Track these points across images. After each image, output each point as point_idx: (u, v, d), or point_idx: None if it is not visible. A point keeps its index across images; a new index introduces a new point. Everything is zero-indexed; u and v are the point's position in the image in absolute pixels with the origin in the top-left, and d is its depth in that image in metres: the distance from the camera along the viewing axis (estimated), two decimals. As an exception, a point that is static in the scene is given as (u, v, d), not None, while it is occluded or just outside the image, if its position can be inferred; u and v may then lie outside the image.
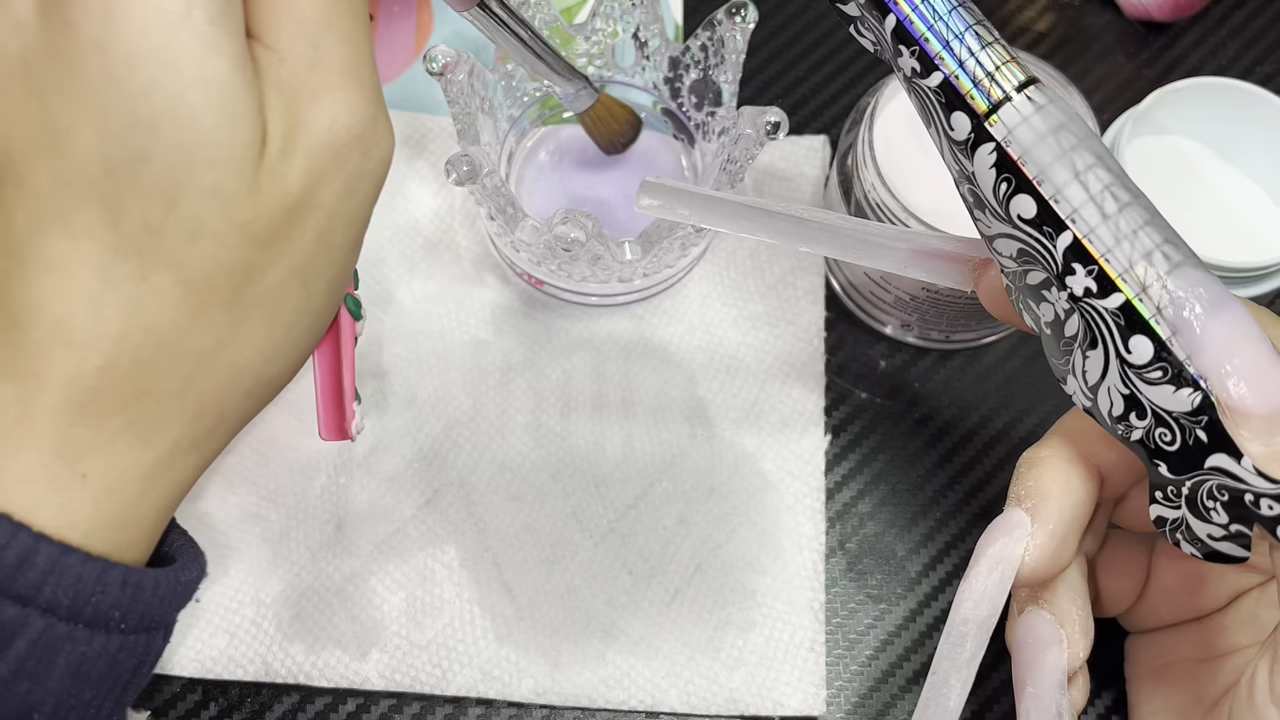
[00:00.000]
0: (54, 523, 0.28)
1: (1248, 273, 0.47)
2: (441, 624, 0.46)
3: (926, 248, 0.38)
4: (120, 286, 0.28)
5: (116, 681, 0.30)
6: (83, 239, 0.27)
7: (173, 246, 0.27)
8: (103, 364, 0.28)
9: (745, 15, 0.46)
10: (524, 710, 0.46)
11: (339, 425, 0.37)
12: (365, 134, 0.29)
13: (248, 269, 0.29)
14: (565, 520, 0.48)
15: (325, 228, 0.30)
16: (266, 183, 0.28)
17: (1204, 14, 0.58)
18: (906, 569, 0.49)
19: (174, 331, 0.28)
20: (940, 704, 0.36)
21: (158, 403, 0.29)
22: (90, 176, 0.27)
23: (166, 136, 0.26)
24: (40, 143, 0.27)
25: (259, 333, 0.30)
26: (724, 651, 0.46)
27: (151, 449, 0.29)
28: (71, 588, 0.28)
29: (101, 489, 0.29)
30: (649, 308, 0.51)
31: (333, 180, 0.29)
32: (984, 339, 0.52)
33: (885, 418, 0.51)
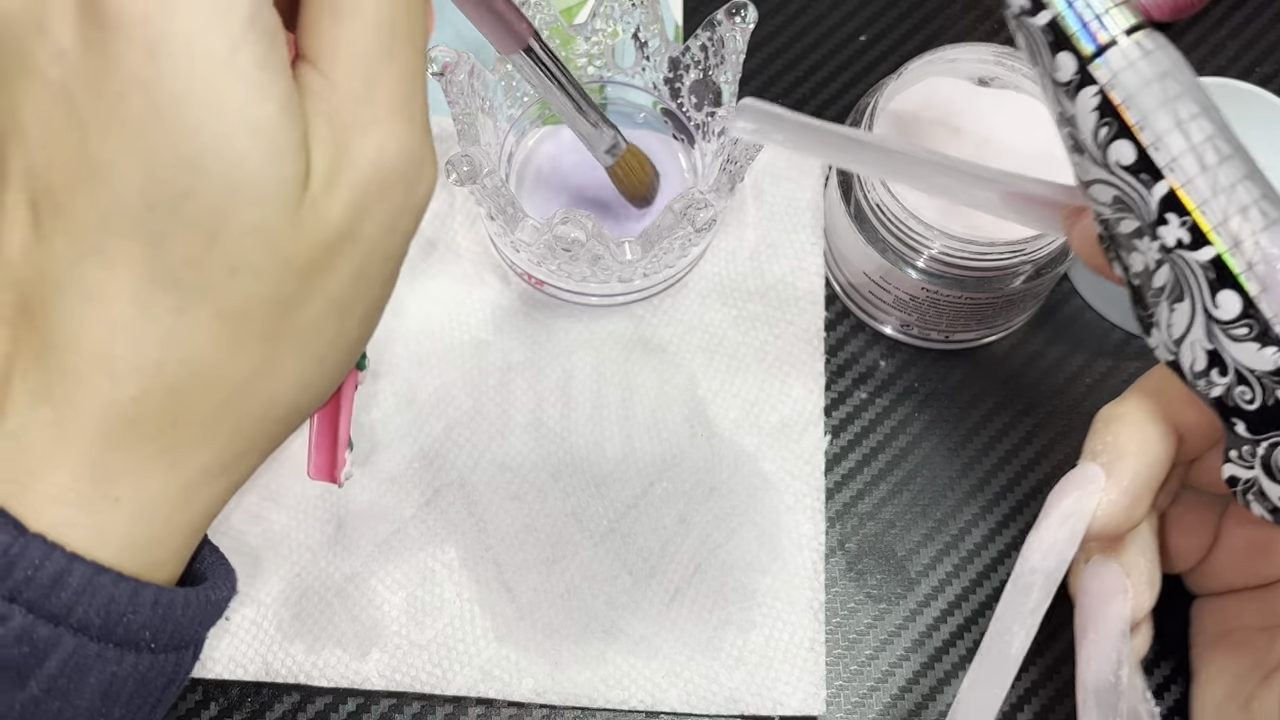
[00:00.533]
0: (84, 543, 0.28)
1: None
2: (442, 624, 0.46)
3: (1021, 190, 0.37)
4: (159, 318, 0.28)
5: (146, 700, 0.31)
6: (121, 269, 0.27)
7: (212, 280, 0.27)
8: (138, 393, 0.28)
9: (745, 15, 0.46)
10: (524, 710, 0.46)
11: (329, 470, 0.37)
12: (410, 170, 0.29)
13: (286, 302, 0.28)
14: (565, 520, 0.48)
15: (364, 261, 0.29)
16: (309, 217, 0.28)
17: (1203, 14, 0.58)
18: (906, 569, 0.49)
19: (210, 362, 0.28)
20: (1001, 651, 0.36)
21: (191, 430, 0.29)
22: (131, 210, 0.27)
23: (211, 176, 0.26)
24: (81, 173, 0.27)
25: (293, 364, 0.29)
26: (724, 651, 0.46)
27: (182, 474, 0.29)
28: (104, 608, 0.28)
29: (132, 512, 0.29)
30: (649, 308, 0.51)
31: (375, 214, 0.29)
32: (984, 339, 0.52)
33: (885, 418, 0.51)
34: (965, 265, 0.46)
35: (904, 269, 0.47)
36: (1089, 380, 0.52)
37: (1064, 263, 0.47)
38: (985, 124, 0.49)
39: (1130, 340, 0.53)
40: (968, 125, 0.49)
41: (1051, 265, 0.47)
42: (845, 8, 0.58)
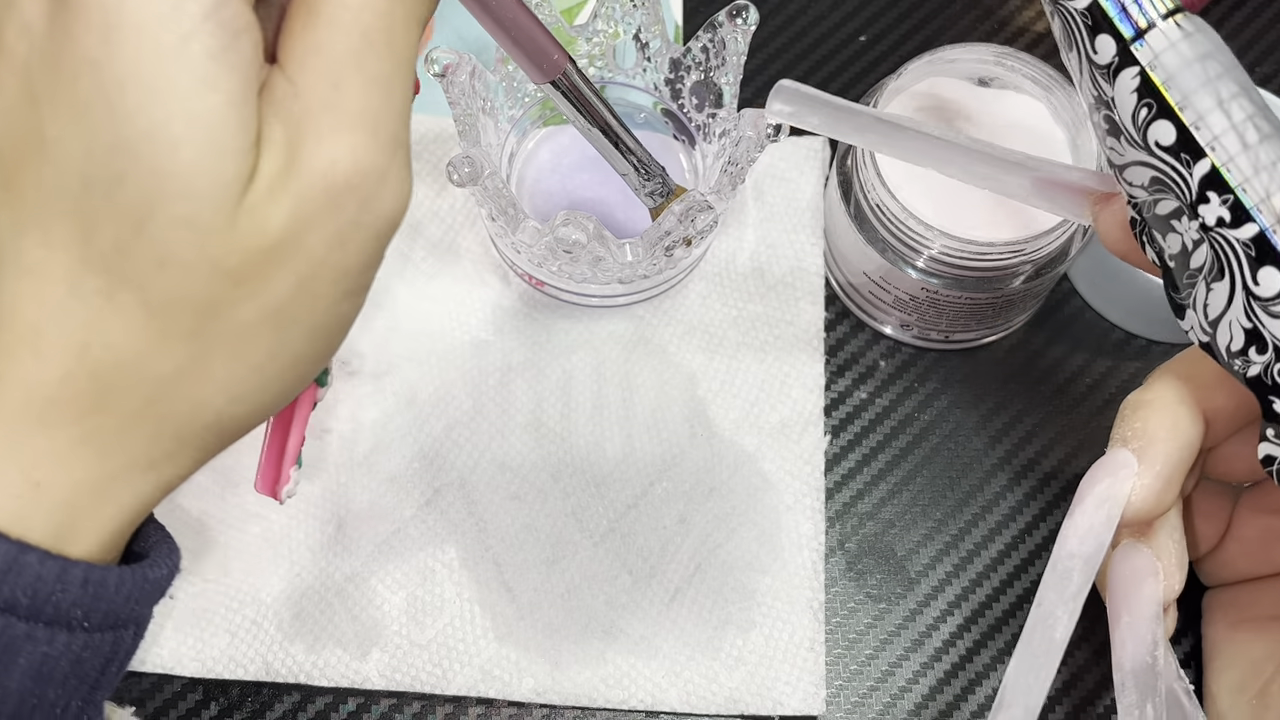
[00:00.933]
0: (6, 527, 0.28)
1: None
2: (442, 623, 0.47)
3: (1053, 177, 0.37)
4: (87, 300, 0.28)
5: (83, 680, 0.30)
6: (57, 249, 0.27)
7: (139, 270, 0.27)
8: (63, 374, 0.28)
9: (746, 17, 0.46)
10: (524, 710, 0.46)
11: (271, 485, 0.37)
12: (366, 184, 0.28)
13: (215, 304, 0.28)
14: (565, 520, 0.48)
15: (308, 275, 0.29)
16: (246, 221, 0.27)
17: (1203, 14, 0.58)
18: (906, 569, 0.49)
19: (134, 353, 0.28)
20: (1046, 635, 0.36)
21: (114, 420, 0.29)
22: (69, 189, 0.27)
23: (143, 163, 0.26)
24: (30, 147, 0.27)
25: (222, 370, 0.29)
26: (724, 651, 0.47)
27: (105, 464, 0.29)
28: (30, 586, 0.28)
29: (53, 499, 0.29)
30: (649, 308, 0.51)
31: (321, 227, 0.28)
32: (983, 339, 0.52)
33: (885, 417, 0.51)
34: (965, 265, 0.46)
35: (904, 269, 0.47)
36: (1089, 380, 0.52)
37: (1064, 263, 0.48)
38: (985, 124, 0.49)
39: (1130, 340, 0.53)
40: (967, 126, 0.49)
41: (1051, 265, 0.47)
42: (845, 8, 0.58)
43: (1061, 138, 0.49)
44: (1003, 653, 0.48)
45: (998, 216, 0.47)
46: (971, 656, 0.48)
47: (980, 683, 0.48)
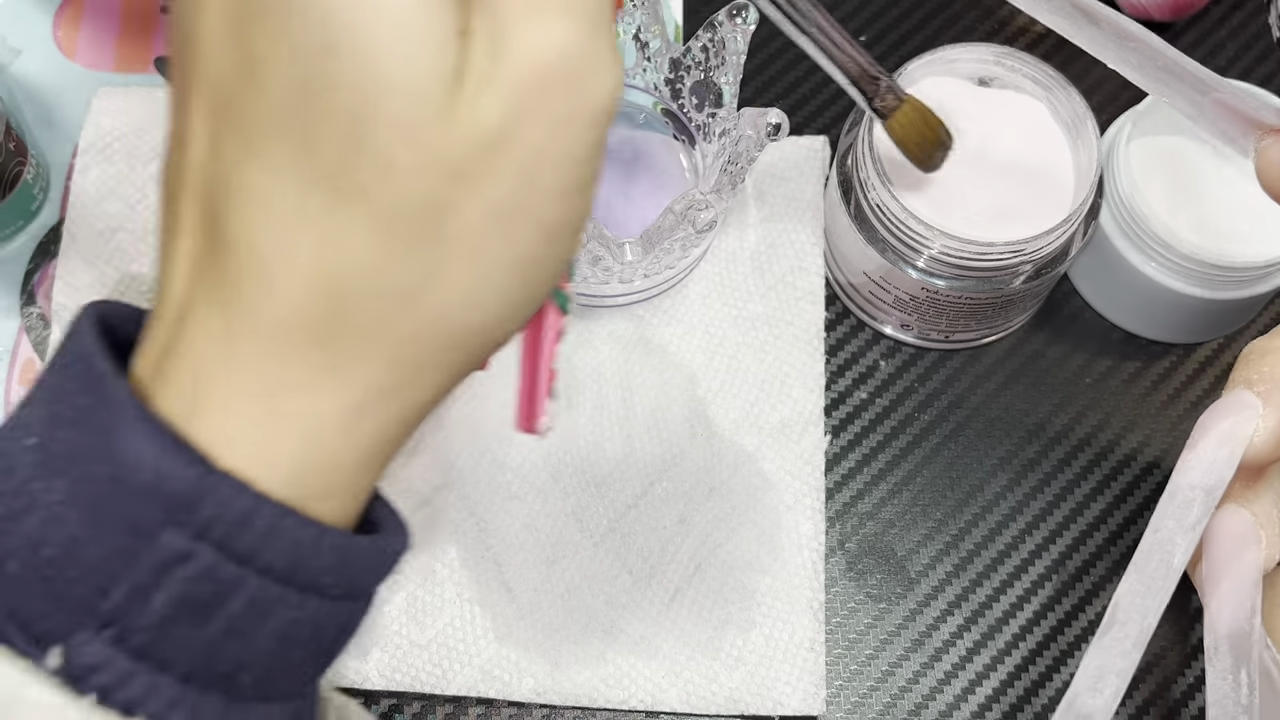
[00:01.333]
0: (251, 461, 0.28)
1: (1248, 272, 0.48)
2: (442, 623, 0.47)
3: (1231, 101, 0.36)
4: (314, 220, 0.27)
5: (319, 648, 0.30)
6: (280, 171, 0.27)
7: (364, 179, 0.27)
8: (297, 300, 0.27)
9: (746, 16, 0.46)
10: (524, 710, 0.46)
11: (529, 421, 0.35)
12: (575, 69, 0.27)
13: (440, 205, 0.27)
14: (565, 520, 0.48)
15: (528, 167, 0.28)
16: (462, 113, 0.27)
17: (1204, 14, 0.58)
18: (906, 569, 0.49)
19: (367, 268, 0.27)
20: (1164, 560, 0.35)
21: (353, 343, 0.28)
22: (283, 105, 0.26)
23: (351, 64, 0.26)
24: (243, 71, 0.27)
25: (455, 274, 0.28)
26: (724, 651, 0.46)
27: (348, 392, 0.28)
28: (289, 550, 0.28)
29: (297, 430, 0.28)
30: (649, 308, 0.51)
31: (536, 116, 0.27)
32: (983, 339, 0.52)
33: (885, 418, 0.51)
34: (965, 265, 0.46)
35: (904, 269, 0.47)
36: (1089, 380, 0.52)
37: (1064, 263, 0.47)
38: (985, 123, 0.49)
39: (1130, 340, 0.53)
40: (968, 125, 0.49)
41: (1052, 265, 0.47)
42: (845, 8, 0.58)
43: (1061, 137, 0.48)
44: (1003, 653, 0.48)
45: (998, 216, 0.47)
46: (971, 656, 0.48)
47: (980, 683, 0.48)
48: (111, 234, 0.51)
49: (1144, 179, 0.49)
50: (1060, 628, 0.48)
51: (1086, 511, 0.50)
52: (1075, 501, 0.50)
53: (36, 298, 0.52)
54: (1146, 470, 0.51)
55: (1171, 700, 0.48)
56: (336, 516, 0.30)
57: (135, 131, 0.52)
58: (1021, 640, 0.48)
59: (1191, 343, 0.53)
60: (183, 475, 0.27)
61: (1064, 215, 0.46)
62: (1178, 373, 0.52)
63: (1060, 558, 0.49)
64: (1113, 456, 0.51)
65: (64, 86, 0.55)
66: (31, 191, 0.52)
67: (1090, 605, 0.49)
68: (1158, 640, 0.48)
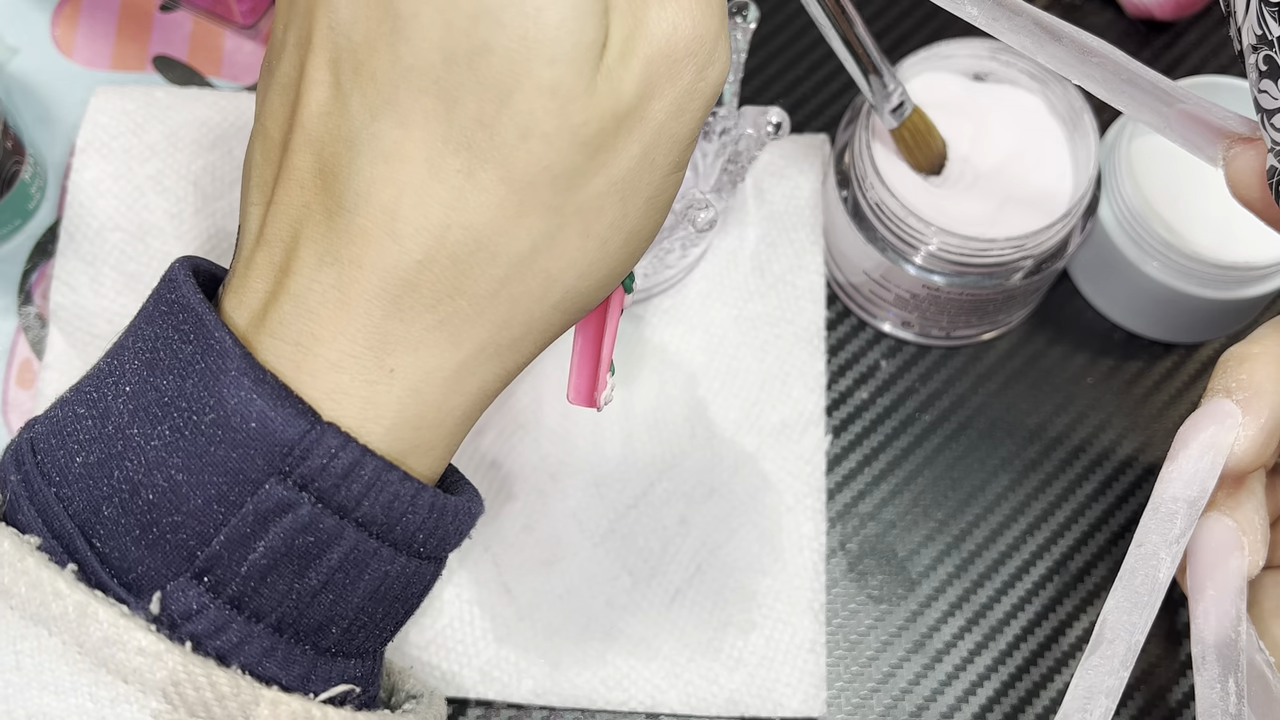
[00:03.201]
0: (357, 414, 0.28)
1: (1250, 272, 0.47)
2: (441, 625, 0.46)
3: (1197, 112, 0.36)
4: (447, 180, 0.27)
5: (404, 605, 0.31)
6: (415, 128, 0.27)
7: (502, 143, 0.27)
8: (422, 257, 0.28)
9: (747, 15, 0.46)
10: (524, 711, 0.46)
11: (589, 392, 0.36)
12: (703, 50, 0.28)
13: (572, 175, 0.28)
14: (565, 521, 0.48)
15: (650, 143, 0.29)
16: (603, 86, 0.27)
17: (1205, 13, 0.58)
18: (908, 570, 0.49)
19: (493, 231, 0.28)
20: (1149, 575, 0.35)
21: (469, 303, 0.28)
22: (429, 64, 0.27)
23: (509, 29, 0.26)
24: (383, 28, 0.27)
25: (574, 243, 0.29)
26: (724, 652, 0.46)
27: (457, 351, 0.29)
28: (388, 505, 0.28)
29: (406, 386, 0.28)
30: (649, 308, 0.51)
31: (664, 94, 0.28)
32: (984, 334, 0.52)
33: (886, 418, 0.51)
34: (964, 261, 0.46)
35: (903, 266, 0.47)
36: (1091, 380, 0.52)
37: (1063, 258, 0.47)
38: (980, 118, 0.49)
39: (1132, 339, 0.52)
40: (963, 120, 0.48)
41: (1051, 260, 0.47)
42: (846, 7, 0.57)
43: (1058, 131, 0.48)
44: (1004, 654, 0.48)
45: (996, 212, 0.47)
46: (973, 658, 0.48)
47: (982, 684, 0.47)
48: (109, 233, 0.50)
49: (1146, 179, 0.49)
50: (1062, 629, 0.48)
51: (1088, 512, 0.50)
52: (1077, 502, 0.50)
53: (34, 297, 0.51)
54: (1149, 471, 0.51)
55: (1163, 713, 0.47)
56: (429, 473, 0.30)
57: (133, 130, 0.52)
58: (1023, 642, 0.48)
59: (1194, 342, 0.52)
60: (291, 425, 0.27)
61: (1063, 210, 0.46)
62: (1180, 373, 0.52)
63: (1062, 559, 0.49)
64: (1115, 457, 0.51)
65: (62, 85, 0.55)
66: (29, 191, 0.52)
67: (1091, 606, 0.49)
68: (1148, 655, 0.48)
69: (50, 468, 0.29)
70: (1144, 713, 0.47)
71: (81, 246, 0.50)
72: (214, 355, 0.28)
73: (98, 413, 0.29)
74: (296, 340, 0.28)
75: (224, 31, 0.56)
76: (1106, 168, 0.49)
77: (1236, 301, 0.49)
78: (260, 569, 0.28)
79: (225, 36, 0.56)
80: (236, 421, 0.27)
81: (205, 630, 0.28)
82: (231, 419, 0.27)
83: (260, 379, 0.27)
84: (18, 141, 0.50)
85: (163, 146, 0.51)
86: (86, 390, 0.30)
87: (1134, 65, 0.37)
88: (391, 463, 0.28)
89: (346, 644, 0.30)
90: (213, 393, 0.27)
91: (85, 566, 0.28)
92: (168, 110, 0.52)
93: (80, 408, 0.29)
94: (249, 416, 0.27)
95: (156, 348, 0.29)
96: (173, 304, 0.29)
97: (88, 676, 0.27)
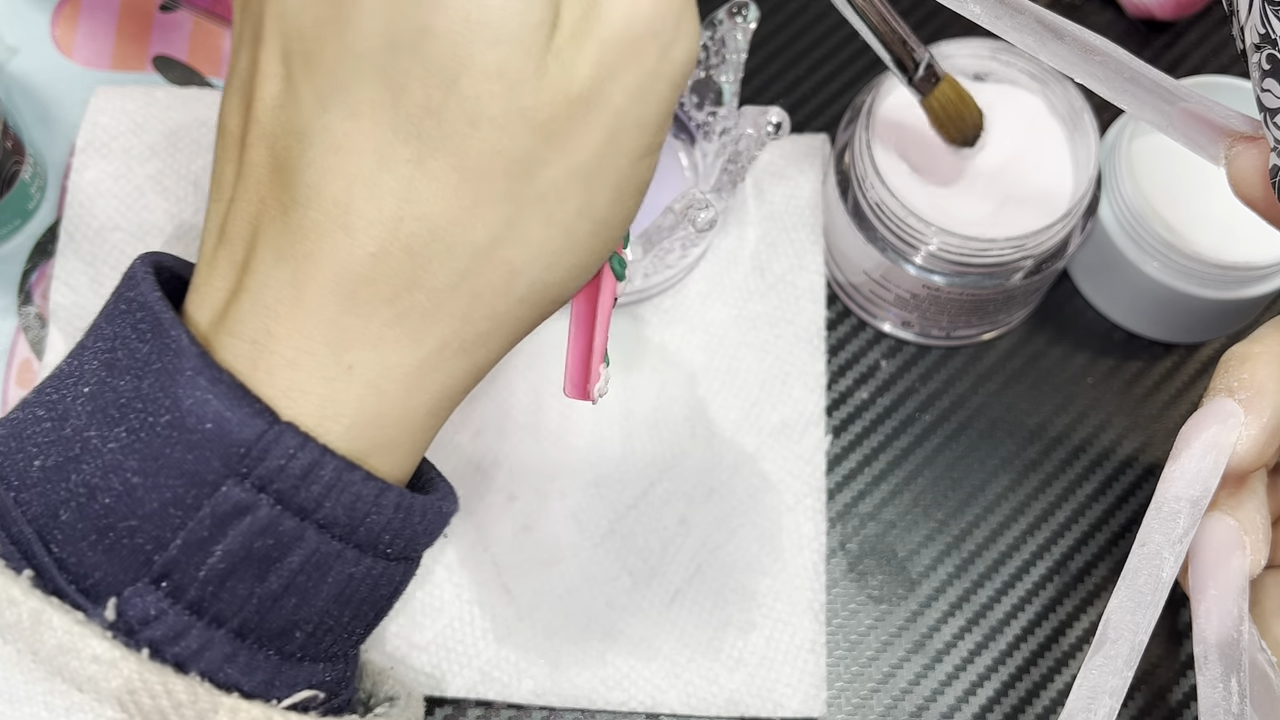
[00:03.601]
0: (315, 413, 0.27)
1: (1250, 272, 0.47)
2: (441, 625, 0.46)
3: (1200, 110, 0.36)
4: (398, 170, 0.27)
5: (371, 608, 0.30)
6: (364, 118, 0.27)
7: (451, 130, 0.26)
8: (376, 250, 0.27)
9: (747, 15, 0.46)
10: (524, 712, 0.46)
11: (582, 384, 0.35)
12: (665, 31, 0.27)
13: (527, 161, 0.27)
14: (565, 521, 0.48)
15: (612, 127, 0.28)
16: (554, 68, 0.26)
17: (1206, 13, 0.58)
18: (908, 570, 0.49)
19: (448, 221, 0.27)
20: (1152, 574, 0.35)
21: (428, 297, 0.28)
22: (374, 51, 0.26)
23: (451, 12, 0.25)
24: (330, 15, 0.26)
25: (536, 232, 0.28)
26: (724, 652, 0.46)
27: (419, 347, 0.28)
28: (350, 505, 0.28)
29: (365, 382, 0.28)
30: (649, 308, 0.51)
31: (623, 77, 0.27)
32: (984, 334, 0.52)
33: (886, 418, 0.51)
34: (964, 261, 0.46)
35: (903, 266, 0.47)
36: (1091, 380, 0.52)
37: (1063, 258, 0.47)
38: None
39: (1132, 340, 0.52)
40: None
41: (1051, 260, 0.47)
42: (846, 7, 0.57)
43: (1059, 131, 0.48)
44: (1005, 654, 0.48)
45: (996, 212, 0.47)
46: (973, 658, 0.48)
47: (982, 684, 0.47)
48: (109, 233, 0.50)
49: (1146, 178, 0.49)
50: (1062, 629, 0.48)
51: (1089, 512, 0.50)
52: (1077, 502, 0.50)
53: (34, 297, 0.51)
54: (1149, 471, 0.50)
55: (1164, 713, 0.47)
56: (396, 473, 0.29)
57: (133, 130, 0.52)
58: (1023, 642, 0.48)
59: (1194, 343, 0.52)
60: (247, 426, 0.27)
61: (1063, 210, 0.46)
62: (1180, 373, 0.52)
63: (1062, 559, 0.49)
64: (1115, 457, 0.51)
65: (61, 85, 0.54)
66: (28, 190, 0.52)
67: (1092, 606, 0.49)
68: (1149, 655, 0.47)
69: (9, 471, 0.28)
70: (1145, 712, 0.47)
71: (81, 246, 0.50)
72: (170, 354, 0.27)
73: (57, 414, 0.28)
74: (254, 338, 0.28)
75: (224, 31, 0.56)
76: (1106, 168, 0.49)
77: (1236, 301, 0.49)
78: (220, 573, 0.27)
79: (225, 36, 0.56)
80: (192, 422, 0.27)
81: (163, 636, 0.27)
82: (187, 419, 0.27)
83: (216, 378, 0.27)
84: (18, 141, 0.50)
85: (163, 146, 0.51)
86: (47, 391, 0.29)
87: (1136, 64, 0.37)
88: (353, 462, 0.28)
89: (313, 648, 0.29)
90: (168, 393, 0.27)
91: (43, 572, 0.27)
92: (168, 110, 0.52)
93: (40, 409, 0.29)
94: (205, 417, 0.27)
95: (115, 347, 0.28)
96: (131, 302, 0.29)
97: (42, 685, 0.26)
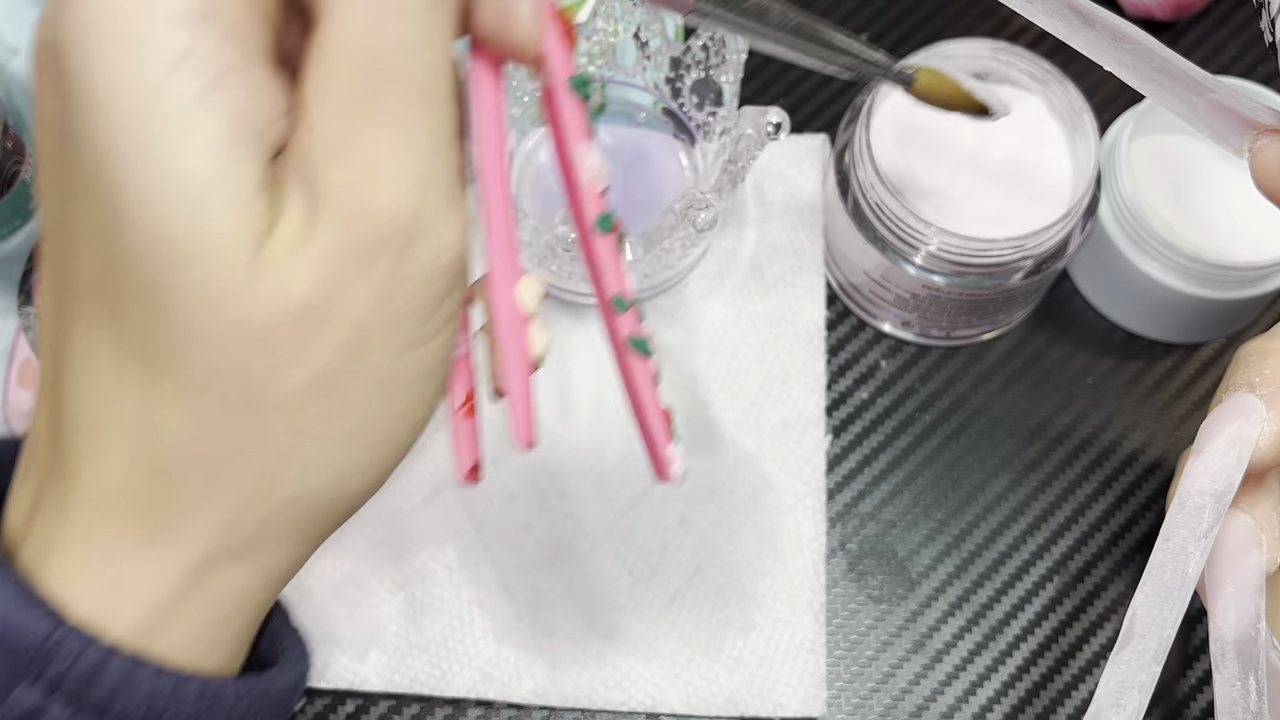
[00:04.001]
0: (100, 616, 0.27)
1: (1250, 272, 0.47)
2: (440, 625, 0.46)
3: (1227, 101, 0.36)
4: (130, 388, 0.26)
5: None
6: (98, 339, 0.26)
7: (170, 348, 0.25)
8: (123, 467, 0.27)
9: (745, 14, 0.46)
10: (523, 711, 0.46)
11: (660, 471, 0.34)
12: (397, 234, 0.25)
13: (252, 374, 0.26)
14: (564, 521, 0.48)
15: (352, 337, 0.26)
16: (266, 281, 0.25)
17: (1205, 13, 0.58)
18: (908, 570, 0.49)
19: (183, 438, 0.26)
20: (1178, 569, 0.35)
21: (179, 511, 0.27)
22: (94, 273, 0.26)
23: (142, 233, 0.24)
24: (66, 237, 0.26)
25: (283, 442, 0.27)
26: (724, 652, 0.46)
27: (183, 556, 0.27)
28: (144, 701, 0.27)
29: (140, 590, 0.28)
30: (649, 308, 0.51)
31: (356, 286, 0.25)
32: (984, 334, 0.52)
33: (886, 418, 0.51)
34: (964, 262, 0.46)
35: (903, 266, 0.47)
36: (1091, 380, 0.52)
37: (1063, 258, 0.47)
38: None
39: (1132, 340, 0.52)
40: (964, 120, 0.48)
41: (1051, 260, 0.47)
42: (845, 7, 0.57)
43: (1058, 131, 0.48)
44: (1004, 654, 0.48)
45: (996, 212, 0.47)
46: (973, 658, 0.48)
47: (982, 684, 0.47)
48: (109, 233, 0.50)
49: (1145, 178, 0.49)
50: (1062, 629, 0.48)
51: (1089, 512, 0.50)
52: (1077, 502, 0.50)
53: (34, 297, 0.51)
54: (1149, 471, 0.50)
55: (1174, 701, 0.48)
56: (208, 664, 0.29)
57: (133, 131, 0.52)
58: (1023, 641, 0.48)
59: (1193, 343, 0.52)
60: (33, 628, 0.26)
61: (1063, 210, 0.46)
62: (1180, 373, 0.52)
63: (1062, 559, 0.49)
64: (1115, 457, 0.51)
65: (62, 86, 0.54)
66: (29, 191, 0.52)
67: (1092, 606, 0.49)
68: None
69: None
70: (1153, 706, 0.47)
71: (82, 247, 0.50)
72: None
73: None
74: (43, 545, 0.28)
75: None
76: (1106, 168, 0.49)
77: (1236, 301, 0.49)
78: None
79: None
80: None
81: None
82: None
83: (7, 580, 0.27)
84: (18, 141, 0.50)
85: (163, 147, 0.51)
86: None
87: (1166, 52, 0.36)
88: (142, 659, 0.27)
89: None
90: None
91: None
92: (168, 110, 0.52)
93: None
94: None
95: None
96: None
97: None
